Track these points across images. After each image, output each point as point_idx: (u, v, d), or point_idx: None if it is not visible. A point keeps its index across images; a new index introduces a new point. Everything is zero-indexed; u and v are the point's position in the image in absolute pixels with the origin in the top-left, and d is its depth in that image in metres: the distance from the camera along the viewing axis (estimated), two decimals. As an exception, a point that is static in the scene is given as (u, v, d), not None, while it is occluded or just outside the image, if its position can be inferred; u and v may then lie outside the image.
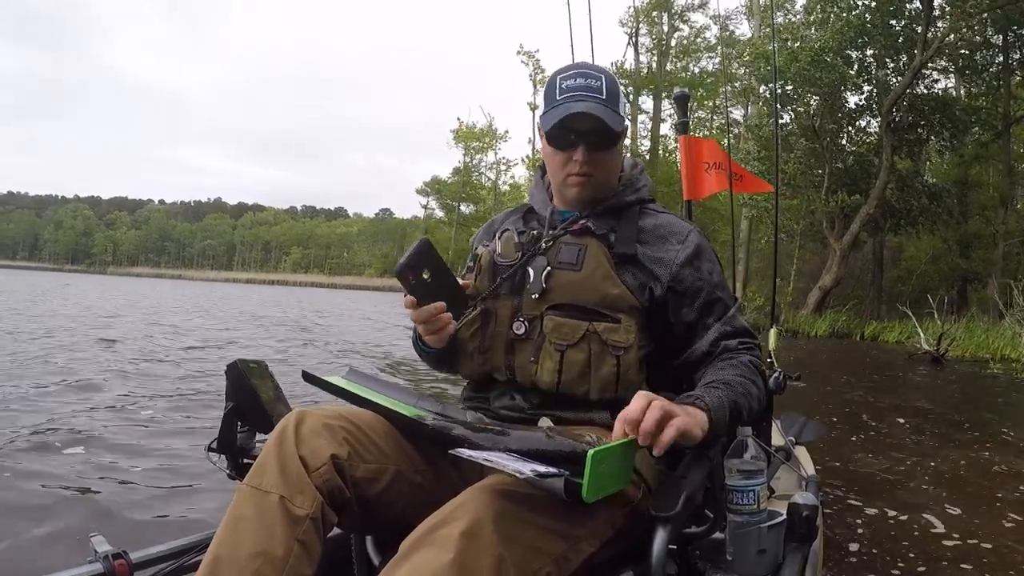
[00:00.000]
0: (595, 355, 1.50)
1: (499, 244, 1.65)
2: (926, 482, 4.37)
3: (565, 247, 1.58)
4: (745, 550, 1.33)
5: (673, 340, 1.59)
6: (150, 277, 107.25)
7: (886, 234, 25.01)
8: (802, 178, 23.61)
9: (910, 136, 23.03)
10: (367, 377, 1.52)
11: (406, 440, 1.43)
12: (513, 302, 1.58)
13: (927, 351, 13.58)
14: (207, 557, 1.19)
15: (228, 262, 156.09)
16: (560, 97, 1.55)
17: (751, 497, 1.33)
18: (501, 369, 1.58)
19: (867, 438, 5.85)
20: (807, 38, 21.60)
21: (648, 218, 1.64)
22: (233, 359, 1.73)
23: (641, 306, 1.54)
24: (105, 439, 4.50)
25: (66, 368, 7.35)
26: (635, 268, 1.56)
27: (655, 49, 34.04)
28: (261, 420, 1.67)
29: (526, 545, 1.14)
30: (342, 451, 1.31)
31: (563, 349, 1.50)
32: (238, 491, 1.27)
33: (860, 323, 21.71)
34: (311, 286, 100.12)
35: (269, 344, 11.70)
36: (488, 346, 1.59)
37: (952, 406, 7.98)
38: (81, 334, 11.11)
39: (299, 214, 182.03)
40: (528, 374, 1.54)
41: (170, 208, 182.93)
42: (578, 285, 1.53)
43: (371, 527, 1.47)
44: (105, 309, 19.05)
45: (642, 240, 1.60)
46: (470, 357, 1.61)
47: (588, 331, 1.50)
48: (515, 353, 1.56)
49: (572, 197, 1.63)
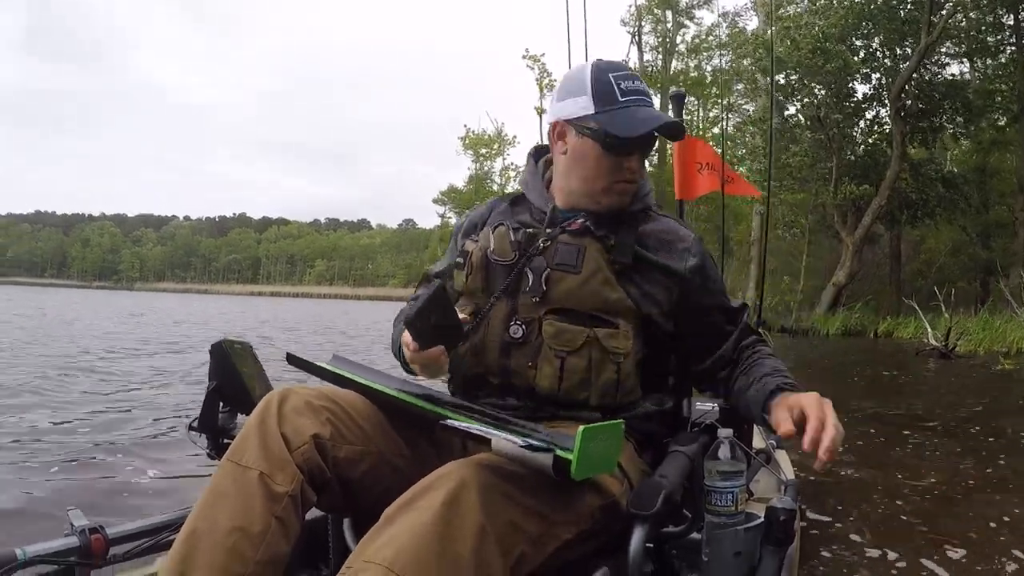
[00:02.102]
0: (596, 362, 1.49)
1: (493, 240, 1.59)
2: (903, 492, 3.94)
3: (563, 247, 1.54)
4: (721, 551, 1.33)
5: (680, 346, 1.63)
6: (176, 292, 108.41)
7: (903, 226, 24.15)
8: (809, 171, 22.82)
9: (922, 124, 22.21)
10: (352, 363, 1.52)
11: (389, 423, 1.40)
12: (508, 303, 1.54)
13: (935, 347, 12.88)
14: (184, 530, 1.18)
15: (253, 276, 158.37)
16: (624, 99, 1.51)
17: (729, 499, 1.32)
18: (495, 372, 1.54)
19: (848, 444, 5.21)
20: (809, 25, 20.79)
21: (650, 223, 1.62)
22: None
23: (639, 312, 1.53)
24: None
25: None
26: (638, 276, 1.54)
27: (660, 47, 33.40)
28: (243, 401, 1.70)
29: (505, 520, 1.12)
30: (324, 431, 1.29)
31: (564, 356, 1.49)
32: (219, 466, 1.26)
33: (874, 320, 20.83)
34: (335, 298, 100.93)
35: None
36: (481, 348, 1.55)
37: (948, 405, 7.42)
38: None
39: (323, 227, 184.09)
40: (525, 379, 1.51)
41: (195, 224, 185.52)
42: (577, 289, 1.50)
43: (350, 509, 1.44)
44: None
45: (645, 245, 1.57)
46: (460, 357, 1.57)
47: (589, 337, 1.49)
48: (511, 356, 1.53)
49: (613, 204, 1.58)
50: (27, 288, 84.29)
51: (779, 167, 22.94)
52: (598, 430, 1.13)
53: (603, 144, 1.52)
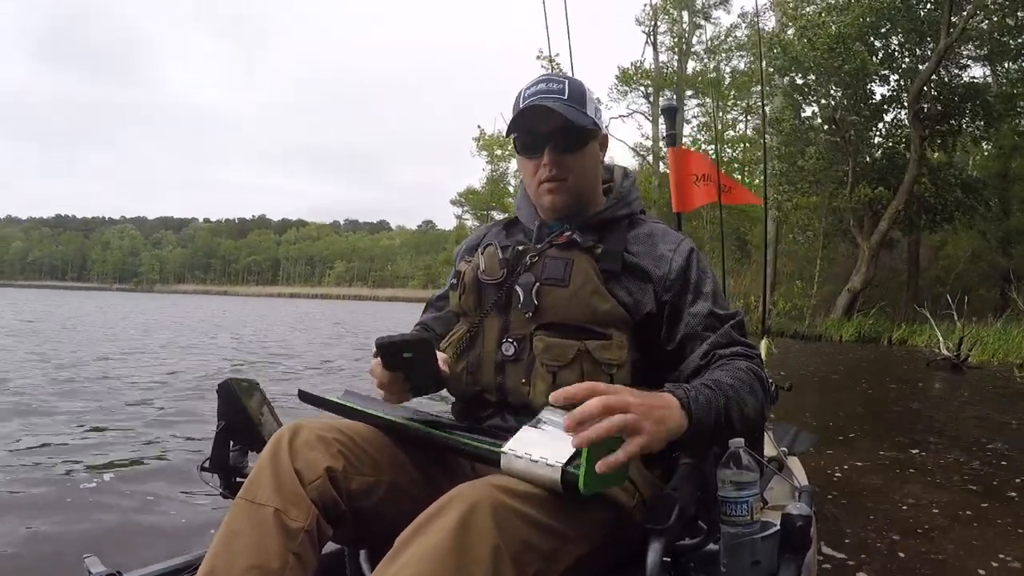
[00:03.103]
0: (588, 375, 1.45)
1: (483, 260, 1.60)
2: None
3: (551, 261, 1.53)
4: (739, 561, 1.30)
5: (666, 353, 1.54)
6: (195, 294, 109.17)
7: (922, 231, 23.63)
8: (823, 173, 22.36)
9: (941, 127, 21.70)
10: (363, 397, 1.54)
11: (399, 451, 1.41)
12: (500, 321, 1.55)
13: (945, 356, 12.41)
14: (201, 571, 1.17)
15: (273, 277, 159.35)
16: (524, 103, 1.54)
17: (744, 508, 1.29)
18: (491, 390, 1.54)
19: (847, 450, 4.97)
20: (824, 24, 20.35)
21: (638, 227, 1.61)
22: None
23: (632, 320, 1.50)
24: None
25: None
26: (626, 280, 1.52)
27: (676, 48, 33.00)
28: (253, 438, 1.69)
29: (518, 539, 1.11)
30: (337, 463, 1.29)
31: (555, 370, 1.47)
32: (233, 505, 1.25)
33: (889, 327, 20.35)
34: (354, 299, 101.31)
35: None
36: (476, 367, 1.56)
37: (952, 416, 7.16)
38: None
39: (342, 228, 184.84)
40: (521, 396, 1.50)
41: (214, 226, 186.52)
42: (566, 302, 1.49)
43: (365, 540, 1.44)
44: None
45: (632, 250, 1.56)
46: (457, 378, 1.57)
47: (580, 351, 1.47)
48: (505, 374, 1.52)
49: (548, 205, 1.59)
50: (52, 291, 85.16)
51: (794, 169, 22.57)
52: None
53: (516, 149, 1.60)
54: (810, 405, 7.68)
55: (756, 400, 1.40)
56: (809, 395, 8.59)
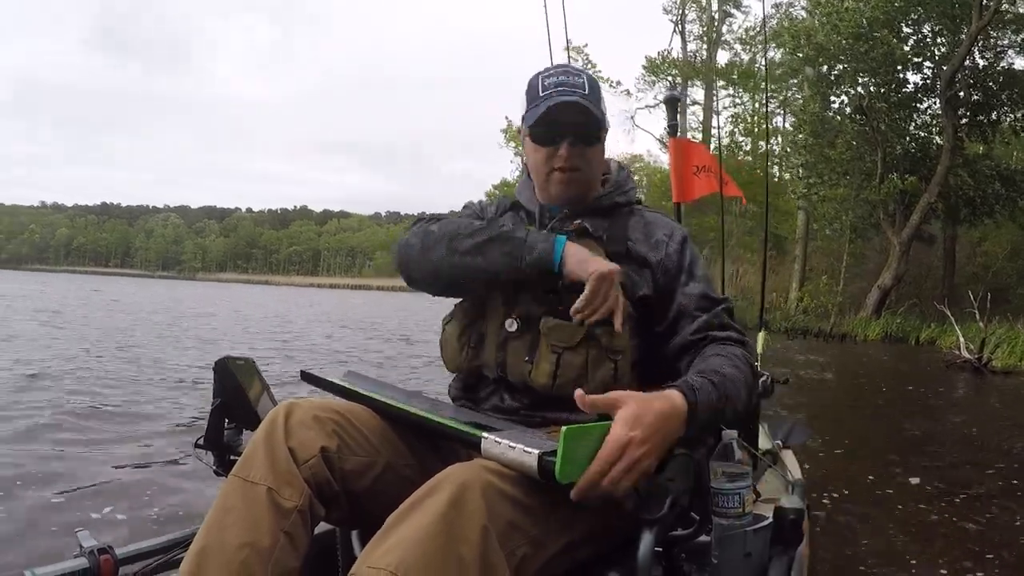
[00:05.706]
0: (593, 359, 1.46)
1: None
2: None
3: None
4: (731, 553, 1.33)
5: (659, 334, 1.57)
6: (238, 283, 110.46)
7: (961, 224, 22.60)
8: (851, 164, 21.47)
9: (980, 117, 20.70)
10: (365, 379, 1.55)
11: (394, 432, 1.40)
12: (507, 298, 1.54)
13: (966, 359, 11.70)
14: (193, 547, 1.18)
15: (314, 267, 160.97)
16: (544, 93, 1.56)
17: (736, 500, 1.31)
18: (491, 366, 1.54)
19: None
20: (849, 10, 19.45)
21: (637, 217, 1.65)
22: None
23: (635, 307, 1.52)
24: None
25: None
26: (627, 266, 1.53)
27: (704, 37, 32.25)
28: (248, 417, 1.70)
29: (506, 521, 1.11)
30: (331, 443, 1.29)
31: (560, 351, 1.47)
32: (226, 482, 1.25)
33: (917, 326, 19.42)
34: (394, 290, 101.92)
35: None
36: (478, 341, 1.56)
37: (956, 427, 6.65)
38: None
39: (383, 219, 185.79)
40: (521, 373, 1.50)
41: (257, 216, 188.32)
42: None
43: (358, 521, 1.43)
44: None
45: (632, 237, 1.59)
46: (458, 352, 1.58)
47: (587, 336, 1.46)
48: (507, 351, 1.52)
49: (557, 193, 1.62)
50: (94, 277, 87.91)
51: (822, 160, 21.78)
52: (584, 430, 1.12)
53: (532, 137, 1.60)
54: (809, 404, 7.57)
55: (749, 393, 1.42)
56: (808, 393, 8.44)
